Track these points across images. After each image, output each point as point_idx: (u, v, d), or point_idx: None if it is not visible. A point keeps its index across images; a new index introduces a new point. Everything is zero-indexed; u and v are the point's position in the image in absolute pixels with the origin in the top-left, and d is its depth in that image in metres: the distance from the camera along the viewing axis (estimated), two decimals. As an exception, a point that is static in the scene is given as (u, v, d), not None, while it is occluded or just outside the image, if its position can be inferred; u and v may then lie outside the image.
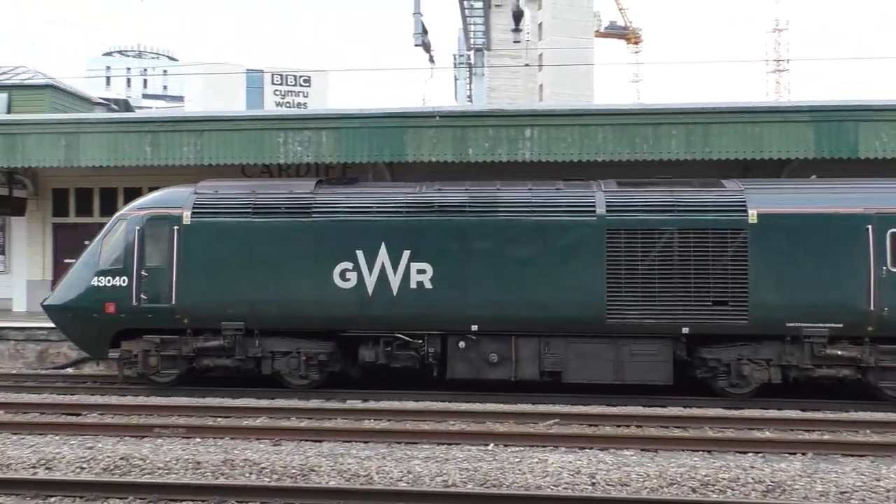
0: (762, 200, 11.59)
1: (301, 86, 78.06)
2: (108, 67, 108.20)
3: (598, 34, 67.86)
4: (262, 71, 75.84)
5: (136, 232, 12.41)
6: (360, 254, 12.00)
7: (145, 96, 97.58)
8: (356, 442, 9.21)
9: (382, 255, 11.97)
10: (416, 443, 9.13)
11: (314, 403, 11.39)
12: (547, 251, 11.71)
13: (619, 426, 10.04)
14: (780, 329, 11.36)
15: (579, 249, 11.64)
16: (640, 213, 11.66)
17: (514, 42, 27.25)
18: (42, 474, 7.70)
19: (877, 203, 11.35)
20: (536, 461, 8.12)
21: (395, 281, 11.95)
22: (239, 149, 14.85)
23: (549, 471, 7.68)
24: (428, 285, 11.89)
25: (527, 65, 28.24)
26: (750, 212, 11.43)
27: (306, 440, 9.26)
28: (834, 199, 11.53)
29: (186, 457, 8.14)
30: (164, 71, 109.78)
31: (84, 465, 7.95)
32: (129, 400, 11.67)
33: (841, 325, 11.23)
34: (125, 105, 33.30)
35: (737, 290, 11.34)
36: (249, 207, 12.35)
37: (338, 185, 12.95)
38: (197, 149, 14.90)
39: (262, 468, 7.79)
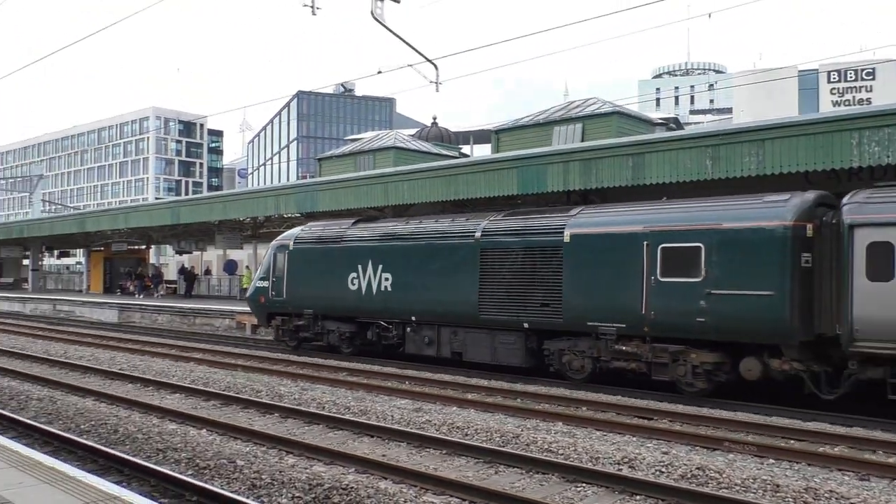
0: (577, 223, 14.10)
1: (863, 79, 70.32)
2: (658, 89, 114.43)
3: None
4: (816, 71, 70.73)
5: (273, 254, 20.07)
6: (360, 267, 17.78)
7: (692, 112, 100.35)
8: (969, 492, 7.71)
9: (370, 268, 17.55)
10: None
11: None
12: (449, 265, 16.00)
13: None
14: (585, 327, 13.68)
15: (465, 264, 15.67)
16: (501, 236, 15.26)
17: None
18: (626, 471, 8.27)
19: (652, 222, 13.01)
20: None
21: (374, 285, 17.41)
22: (804, 155, 13.90)
23: None
24: (390, 289, 17.09)
25: None
26: (566, 233, 14.07)
27: (901, 480, 8.12)
28: (625, 219, 13.53)
29: (764, 477, 7.87)
30: (711, 85, 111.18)
31: (662, 469, 8.30)
32: (695, 410, 11.85)
33: (624, 326, 13.10)
34: (676, 123, 34.61)
35: (555, 295, 14.11)
36: (316, 238, 19.18)
37: (366, 222, 18.93)
38: (759, 159, 14.45)
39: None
